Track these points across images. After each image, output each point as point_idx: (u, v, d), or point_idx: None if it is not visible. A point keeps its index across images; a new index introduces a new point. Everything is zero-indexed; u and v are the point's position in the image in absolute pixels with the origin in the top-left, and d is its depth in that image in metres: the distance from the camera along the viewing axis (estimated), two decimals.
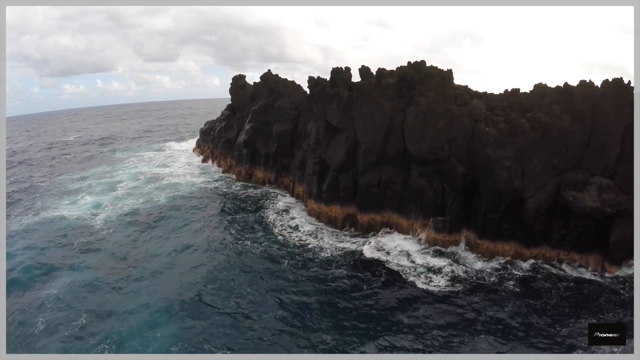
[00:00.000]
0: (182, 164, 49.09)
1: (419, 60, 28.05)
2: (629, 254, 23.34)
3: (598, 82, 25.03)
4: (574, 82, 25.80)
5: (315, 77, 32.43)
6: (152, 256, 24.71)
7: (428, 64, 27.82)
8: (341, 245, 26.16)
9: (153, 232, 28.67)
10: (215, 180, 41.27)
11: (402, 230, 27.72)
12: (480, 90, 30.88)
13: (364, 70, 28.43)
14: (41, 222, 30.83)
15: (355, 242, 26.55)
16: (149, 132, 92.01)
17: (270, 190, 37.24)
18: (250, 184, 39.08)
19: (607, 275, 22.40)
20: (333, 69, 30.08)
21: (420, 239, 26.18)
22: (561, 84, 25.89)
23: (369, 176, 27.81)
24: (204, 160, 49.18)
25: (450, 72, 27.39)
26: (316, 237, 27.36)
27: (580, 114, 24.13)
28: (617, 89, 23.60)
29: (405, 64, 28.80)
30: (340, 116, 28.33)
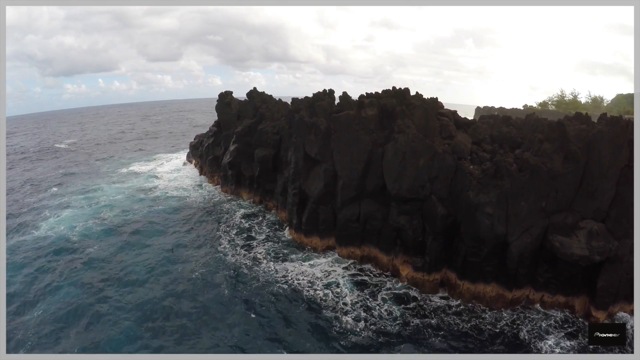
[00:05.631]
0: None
1: (402, 88, 26.31)
2: (616, 299, 22.26)
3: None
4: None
5: (298, 98, 31.07)
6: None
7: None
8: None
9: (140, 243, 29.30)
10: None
11: (381, 266, 26.97)
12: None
13: (344, 99, 26.86)
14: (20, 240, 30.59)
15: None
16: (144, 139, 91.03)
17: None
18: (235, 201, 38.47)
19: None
20: (314, 94, 28.62)
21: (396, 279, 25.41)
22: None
23: (347, 211, 26.86)
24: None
25: (434, 101, 25.63)
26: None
27: (574, 155, 22.26)
28: (615, 129, 21.54)
29: (398, 87, 26.60)
30: (318, 147, 27.13)
